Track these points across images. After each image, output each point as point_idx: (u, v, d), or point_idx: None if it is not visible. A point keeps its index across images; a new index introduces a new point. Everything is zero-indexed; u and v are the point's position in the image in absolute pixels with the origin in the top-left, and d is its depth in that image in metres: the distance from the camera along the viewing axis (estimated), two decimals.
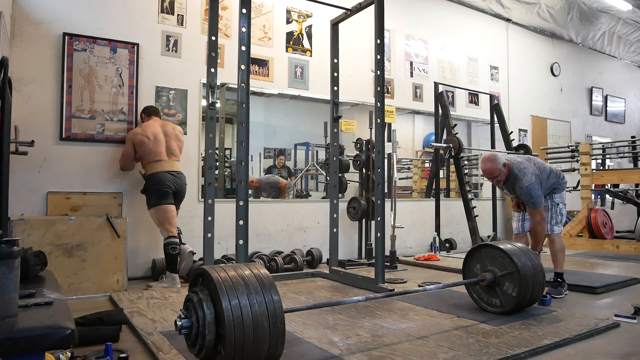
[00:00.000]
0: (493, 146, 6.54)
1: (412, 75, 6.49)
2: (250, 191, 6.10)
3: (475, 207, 5.85)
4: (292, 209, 5.37)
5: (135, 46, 4.40)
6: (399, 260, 5.18)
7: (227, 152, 7.37)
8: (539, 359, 2.21)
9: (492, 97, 6.73)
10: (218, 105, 4.99)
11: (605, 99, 9.65)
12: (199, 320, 1.86)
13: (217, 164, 5.70)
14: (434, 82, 6.21)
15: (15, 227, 3.32)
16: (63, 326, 1.41)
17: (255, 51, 5.06)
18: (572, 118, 8.83)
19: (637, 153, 6.69)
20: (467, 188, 5.83)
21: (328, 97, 4.35)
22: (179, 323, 1.90)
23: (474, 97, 7.23)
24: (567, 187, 3.80)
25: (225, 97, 5.79)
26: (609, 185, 6.82)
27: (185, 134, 4.64)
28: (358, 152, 5.38)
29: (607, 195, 7.18)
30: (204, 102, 4.25)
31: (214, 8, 3.32)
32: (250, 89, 3.10)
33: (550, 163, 7.22)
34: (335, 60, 4.22)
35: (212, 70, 3.29)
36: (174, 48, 4.64)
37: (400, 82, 6.34)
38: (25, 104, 3.94)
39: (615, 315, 2.87)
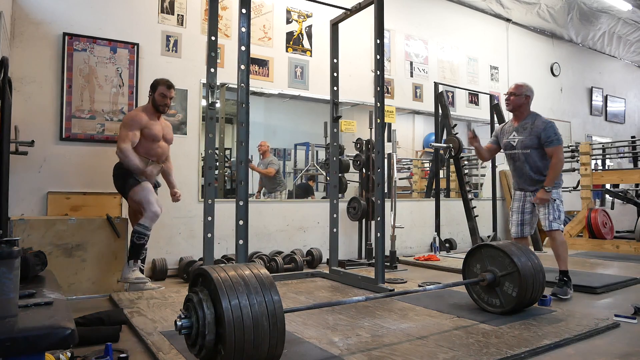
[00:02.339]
0: None
1: (412, 75, 6.49)
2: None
3: (475, 207, 5.86)
4: (292, 209, 5.38)
5: (135, 46, 4.40)
6: (399, 260, 5.18)
7: (227, 152, 7.38)
8: (539, 359, 2.21)
9: (492, 97, 6.73)
10: (218, 105, 5.01)
11: (605, 99, 9.65)
12: (199, 320, 1.86)
13: (217, 164, 5.70)
14: (434, 82, 6.21)
15: (15, 227, 3.32)
16: (63, 326, 1.40)
17: (255, 51, 5.06)
18: (572, 118, 8.83)
19: (637, 153, 6.69)
20: (467, 188, 5.83)
21: (328, 97, 4.35)
22: (179, 323, 1.90)
23: (474, 97, 7.23)
24: (567, 187, 3.81)
25: (225, 97, 5.80)
26: (609, 185, 6.82)
27: (185, 134, 4.65)
28: (358, 152, 5.38)
29: (607, 195, 7.18)
30: (204, 102, 4.25)
31: (214, 8, 3.32)
32: (250, 89, 3.10)
33: None
34: (335, 60, 4.22)
35: (212, 70, 3.29)
36: (174, 48, 4.64)
37: (400, 82, 6.34)
38: (25, 104, 3.94)
39: (615, 315, 2.87)
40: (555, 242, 3.53)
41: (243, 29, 3.04)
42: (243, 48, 3.03)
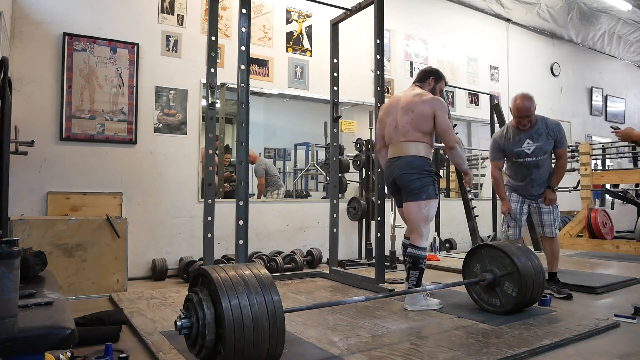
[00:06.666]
0: None
1: (412, 75, 6.48)
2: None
3: (475, 207, 5.85)
4: (292, 209, 5.38)
5: (135, 46, 4.40)
6: (399, 260, 5.17)
7: None
8: (539, 359, 2.21)
9: (492, 97, 6.72)
10: (218, 105, 5.00)
11: (605, 99, 9.65)
12: (199, 320, 1.86)
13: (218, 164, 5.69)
14: None
15: (15, 227, 3.32)
16: (63, 326, 1.40)
17: (255, 51, 5.06)
18: (572, 118, 8.83)
19: (637, 153, 6.69)
20: (467, 188, 5.83)
21: (328, 97, 4.35)
22: (179, 323, 1.90)
23: (474, 97, 7.23)
24: (567, 187, 3.81)
25: (225, 97, 5.79)
26: (609, 185, 6.82)
27: (185, 134, 4.65)
28: (358, 152, 5.38)
29: (607, 195, 7.18)
30: (204, 102, 4.25)
31: (214, 8, 3.32)
32: (250, 89, 3.10)
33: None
34: (335, 60, 4.22)
35: (212, 70, 3.29)
36: (174, 48, 4.64)
37: (400, 82, 6.34)
38: (25, 104, 3.94)
39: (615, 315, 2.87)
40: (554, 245, 3.59)
41: (243, 29, 3.04)
42: (243, 48, 3.03)
